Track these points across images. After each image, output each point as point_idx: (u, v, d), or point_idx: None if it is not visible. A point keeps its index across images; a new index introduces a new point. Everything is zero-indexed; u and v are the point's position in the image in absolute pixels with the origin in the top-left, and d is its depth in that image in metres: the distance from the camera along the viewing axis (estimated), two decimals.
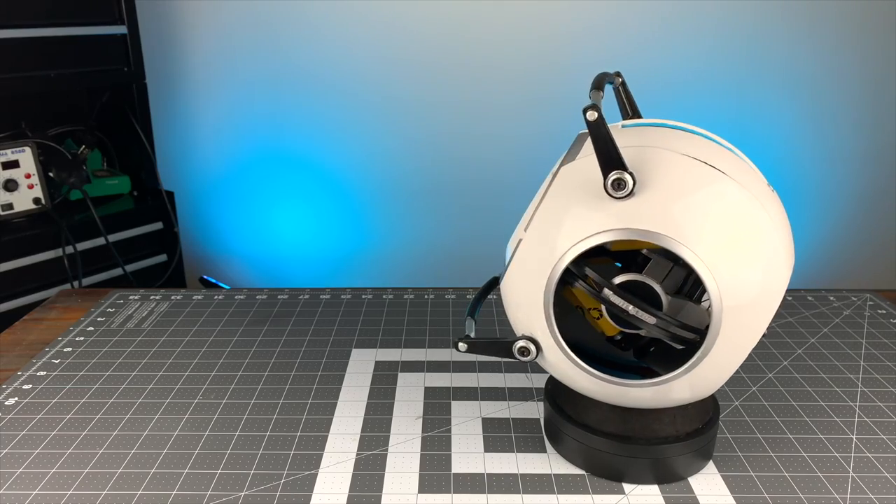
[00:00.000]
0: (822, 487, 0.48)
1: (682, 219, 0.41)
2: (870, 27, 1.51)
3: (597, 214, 0.42)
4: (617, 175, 0.41)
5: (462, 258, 1.55)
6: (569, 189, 0.44)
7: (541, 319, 0.45)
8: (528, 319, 0.46)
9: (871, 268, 1.64)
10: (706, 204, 0.42)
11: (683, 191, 0.42)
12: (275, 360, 0.65)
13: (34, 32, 1.33)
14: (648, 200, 0.42)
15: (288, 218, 1.77)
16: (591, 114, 0.40)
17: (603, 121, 0.41)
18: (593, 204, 0.43)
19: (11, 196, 1.35)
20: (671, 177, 0.42)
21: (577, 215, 0.43)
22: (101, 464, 0.50)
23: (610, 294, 0.43)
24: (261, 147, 1.73)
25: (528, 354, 0.47)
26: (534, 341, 0.47)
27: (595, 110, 0.40)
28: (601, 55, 1.56)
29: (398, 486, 0.48)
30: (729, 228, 0.42)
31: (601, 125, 0.41)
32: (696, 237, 0.41)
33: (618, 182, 0.41)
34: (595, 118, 0.40)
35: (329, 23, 1.61)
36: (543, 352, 0.47)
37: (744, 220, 0.42)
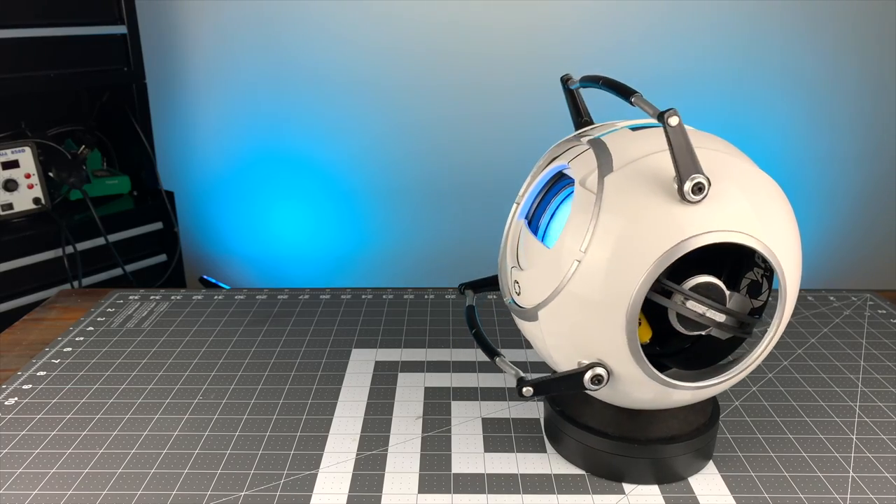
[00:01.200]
0: (822, 487, 0.48)
1: (754, 215, 0.42)
2: (869, 27, 1.51)
3: (679, 221, 0.41)
4: (698, 179, 0.40)
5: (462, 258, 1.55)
6: (627, 200, 0.42)
7: (619, 341, 0.42)
8: (599, 344, 0.43)
9: (871, 268, 1.64)
10: (766, 199, 0.43)
11: (744, 187, 0.43)
12: (275, 360, 0.65)
13: (34, 32, 1.33)
14: (718, 201, 0.41)
15: (288, 218, 1.77)
16: (674, 119, 0.39)
17: (683, 125, 0.40)
18: (667, 211, 0.41)
19: (11, 196, 1.35)
20: (725, 174, 0.42)
21: (656, 225, 0.41)
22: (101, 464, 0.50)
23: (688, 300, 0.42)
24: (261, 147, 1.73)
25: (601, 382, 0.44)
26: (604, 366, 0.44)
27: (677, 114, 0.39)
28: (600, 55, 1.56)
29: (398, 486, 0.48)
30: (783, 219, 0.44)
31: (682, 130, 0.40)
32: (769, 232, 0.42)
33: (698, 186, 0.40)
34: (678, 123, 0.39)
35: (329, 23, 1.61)
36: (615, 375, 0.44)
37: (788, 209, 0.45)
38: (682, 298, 0.42)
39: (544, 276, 0.45)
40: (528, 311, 0.46)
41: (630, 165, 0.43)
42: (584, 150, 0.46)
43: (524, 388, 0.45)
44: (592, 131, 0.48)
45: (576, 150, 0.47)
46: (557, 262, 0.43)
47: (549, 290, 0.44)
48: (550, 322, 0.45)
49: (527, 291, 0.47)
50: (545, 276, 0.44)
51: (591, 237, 0.42)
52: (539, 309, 0.45)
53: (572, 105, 0.52)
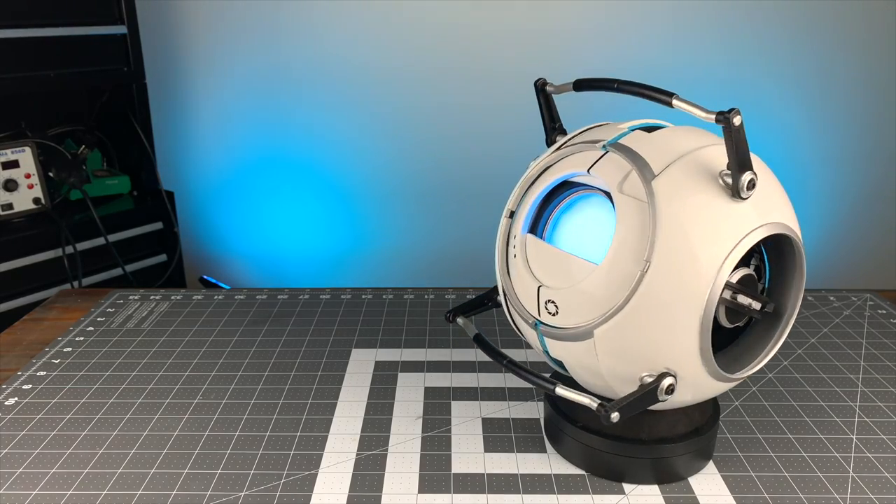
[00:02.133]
0: (822, 487, 0.48)
1: (786, 206, 0.44)
2: (869, 26, 1.51)
3: (737, 218, 0.41)
4: (750, 175, 0.41)
5: (462, 258, 1.55)
6: (683, 203, 0.41)
7: (691, 345, 0.42)
8: (669, 352, 0.42)
9: (871, 268, 1.64)
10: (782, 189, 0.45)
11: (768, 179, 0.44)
12: (275, 360, 0.65)
13: (34, 32, 1.33)
14: (759, 194, 0.42)
15: (288, 218, 1.77)
16: (738, 118, 0.39)
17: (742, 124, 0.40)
18: (724, 209, 0.41)
19: (11, 196, 1.35)
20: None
21: (719, 224, 0.41)
22: (101, 464, 0.50)
23: (738, 294, 0.43)
24: (261, 147, 1.73)
25: (673, 391, 0.43)
26: (673, 374, 0.43)
27: (740, 114, 0.40)
28: (600, 55, 1.56)
29: (398, 486, 0.48)
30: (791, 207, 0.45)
31: (742, 128, 0.40)
32: (795, 222, 0.45)
33: (752, 182, 0.41)
34: (740, 122, 0.40)
35: (329, 24, 1.61)
36: (681, 380, 0.43)
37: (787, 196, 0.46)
38: (731, 293, 0.42)
39: (598, 291, 0.42)
40: (574, 332, 0.44)
41: (672, 167, 0.42)
42: (601, 155, 0.45)
43: (612, 416, 0.41)
44: (588, 137, 0.47)
45: (590, 156, 0.45)
46: (615, 276, 0.42)
47: (608, 306, 0.42)
48: (611, 339, 0.42)
49: (571, 311, 0.44)
50: (599, 292, 0.42)
51: (654, 244, 0.41)
52: (597, 327, 0.42)
53: (547, 111, 0.52)
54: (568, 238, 0.47)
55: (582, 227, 0.46)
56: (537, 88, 0.51)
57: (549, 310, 0.45)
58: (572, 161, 0.46)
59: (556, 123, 0.52)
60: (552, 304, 0.45)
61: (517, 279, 0.48)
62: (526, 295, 0.47)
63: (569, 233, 0.47)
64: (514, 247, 0.48)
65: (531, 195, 0.48)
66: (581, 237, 0.46)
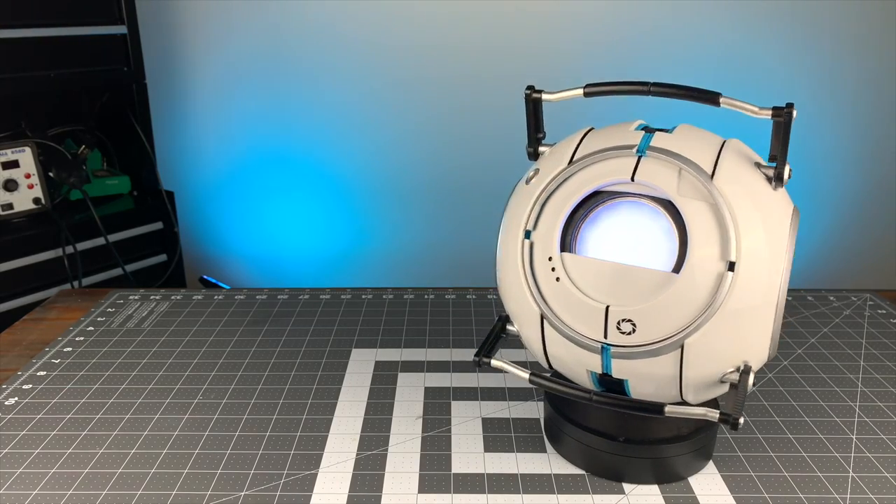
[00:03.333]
0: (822, 487, 0.48)
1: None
2: (869, 26, 1.51)
3: (786, 207, 0.43)
4: (790, 166, 0.42)
5: (462, 258, 1.55)
6: (750, 200, 0.42)
7: (766, 337, 0.42)
8: (751, 345, 0.42)
9: (871, 268, 1.64)
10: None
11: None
12: (275, 360, 0.65)
13: (34, 32, 1.33)
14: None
15: (288, 218, 1.77)
16: (794, 112, 0.41)
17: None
18: (775, 200, 0.43)
19: (11, 196, 1.35)
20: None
21: (780, 216, 0.42)
22: (101, 464, 0.50)
23: None
24: (261, 147, 1.73)
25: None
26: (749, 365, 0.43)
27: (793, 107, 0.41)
28: (599, 56, 1.56)
29: (398, 486, 0.48)
30: None
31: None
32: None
33: (790, 171, 0.43)
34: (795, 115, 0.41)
35: (329, 24, 1.61)
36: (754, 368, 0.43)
37: None
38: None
39: (683, 300, 0.41)
40: (657, 347, 0.42)
41: (720, 165, 0.42)
42: (637, 160, 0.43)
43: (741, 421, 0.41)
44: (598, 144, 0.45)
45: (625, 163, 0.43)
46: (699, 281, 0.41)
47: (697, 314, 0.41)
48: (702, 345, 0.41)
49: (651, 326, 0.42)
50: (684, 301, 0.41)
51: (738, 244, 0.40)
52: (687, 337, 0.41)
53: (535, 120, 0.48)
54: (614, 250, 0.43)
55: (625, 237, 0.43)
56: (527, 97, 0.47)
57: (624, 329, 0.42)
58: (603, 170, 0.44)
59: (540, 134, 0.49)
60: (628, 322, 0.42)
61: (568, 304, 0.44)
62: (585, 319, 0.43)
63: (612, 245, 0.44)
64: (552, 269, 0.44)
65: (554, 211, 0.44)
66: (629, 247, 0.43)
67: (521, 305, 0.46)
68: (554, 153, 0.47)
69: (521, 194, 0.47)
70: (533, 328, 0.46)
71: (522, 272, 0.45)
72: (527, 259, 0.45)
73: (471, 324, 0.72)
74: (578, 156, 0.45)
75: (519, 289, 0.46)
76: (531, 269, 0.45)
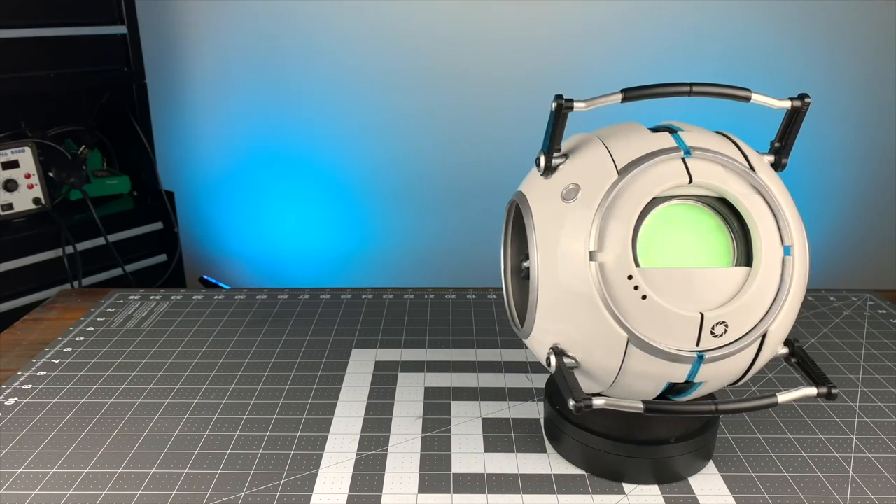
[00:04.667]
0: (822, 487, 0.48)
1: None
2: (869, 26, 1.51)
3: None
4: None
5: (462, 258, 1.56)
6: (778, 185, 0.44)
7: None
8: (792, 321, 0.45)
9: (871, 268, 1.64)
10: None
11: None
12: (275, 360, 0.65)
13: (34, 32, 1.33)
14: None
15: (288, 218, 1.77)
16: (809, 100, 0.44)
17: None
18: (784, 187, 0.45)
19: (11, 196, 1.35)
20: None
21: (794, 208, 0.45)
22: (101, 464, 0.50)
23: None
24: (261, 147, 1.73)
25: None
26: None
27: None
28: (600, 56, 1.56)
29: (398, 486, 0.48)
30: None
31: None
32: None
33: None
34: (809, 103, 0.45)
35: (329, 23, 1.61)
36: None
37: None
38: None
39: (764, 292, 0.42)
40: (743, 342, 0.42)
41: (751, 159, 0.44)
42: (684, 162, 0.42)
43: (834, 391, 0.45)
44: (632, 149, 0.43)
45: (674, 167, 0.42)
46: (771, 271, 0.42)
47: (772, 303, 0.42)
48: (778, 332, 0.43)
49: (740, 324, 0.42)
50: (765, 293, 0.42)
51: (790, 227, 0.42)
52: (770, 325, 0.42)
53: (559, 132, 0.44)
54: (682, 255, 0.43)
55: (684, 240, 0.43)
56: (558, 109, 0.43)
57: (717, 332, 0.41)
58: (657, 175, 0.42)
59: (558, 147, 0.45)
60: (721, 325, 0.41)
61: (658, 320, 0.41)
62: (677, 331, 0.41)
63: (675, 250, 0.43)
64: (634, 288, 0.41)
65: (619, 226, 0.41)
66: (693, 249, 0.43)
67: (596, 334, 0.42)
68: (584, 164, 0.44)
69: (560, 213, 0.43)
70: (614, 354, 0.42)
71: (599, 298, 0.41)
72: (599, 283, 0.41)
73: (471, 324, 0.72)
74: (621, 164, 0.42)
75: (593, 317, 0.42)
76: (607, 292, 0.41)
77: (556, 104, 0.42)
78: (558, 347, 0.44)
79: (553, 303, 0.43)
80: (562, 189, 0.43)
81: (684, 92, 0.42)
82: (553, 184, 0.44)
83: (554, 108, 0.42)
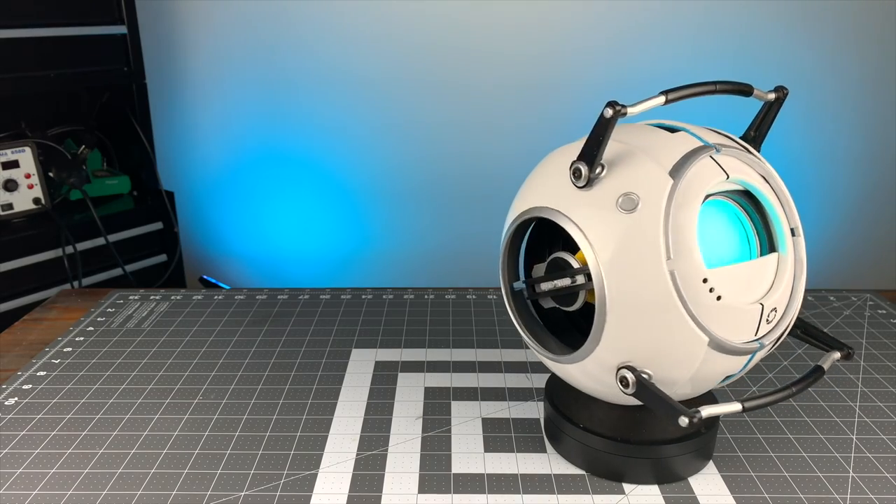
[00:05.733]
0: (822, 487, 0.48)
1: None
2: (870, 25, 1.51)
3: None
4: None
5: (462, 258, 1.56)
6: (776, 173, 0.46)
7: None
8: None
9: (871, 268, 1.64)
10: None
11: None
12: (275, 360, 0.65)
13: (34, 32, 1.33)
14: None
15: (288, 218, 1.77)
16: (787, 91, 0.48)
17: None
18: None
19: (11, 196, 1.35)
20: None
21: None
22: (101, 464, 0.50)
23: None
24: (261, 147, 1.73)
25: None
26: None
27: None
28: (601, 51, 1.56)
29: (398, 486, 0.48)
30: None
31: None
32: None
33: None
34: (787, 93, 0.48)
35: (328, 23, 1.61)
36: None
37: None
38: None
39: (795, 274, 0.45)
40: (788, 323, 0.44)
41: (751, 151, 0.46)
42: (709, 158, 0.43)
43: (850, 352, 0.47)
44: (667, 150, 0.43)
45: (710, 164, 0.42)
46: (791, 252, 0.44)
47: (793, 284, 0.45)
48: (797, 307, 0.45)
49: (782, 308, 0.44)
50: (795, 274, 0.45)
51: (792, 210, 0.44)
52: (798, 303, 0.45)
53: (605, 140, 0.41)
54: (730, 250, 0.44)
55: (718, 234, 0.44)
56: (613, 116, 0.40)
57: (770, 318, 0.43)
58: (699, 175, 0.42)
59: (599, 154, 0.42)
60: (773, 311, 0.43)
61: (729, 318, 0.42)
62: (743, 326, 0.42)
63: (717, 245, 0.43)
64: (710, 290, 0.41)
65: (683, 231, 0.41)
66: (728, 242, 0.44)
67: (675, 342, 0.41)
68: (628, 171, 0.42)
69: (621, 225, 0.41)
70: (691, 360, 0.42)
71: (680, 306, 0.40)
72: (678, 290, 0.40)
73: (471, 324, 0.72)
74: (667, 167, 0.41)
75: (672, 327, 0.41)
76: (687, 298, 0.40)
77: (613, 111, 0.40)
78: (630, 365, 0.43)
79: (625, 319, 0.42)
80: (615, 199, 0.41)
81: (711, 91, 0.43)
82: (598, 195, 0.42)
83: (609, 116, 0.40)
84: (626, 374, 0.43)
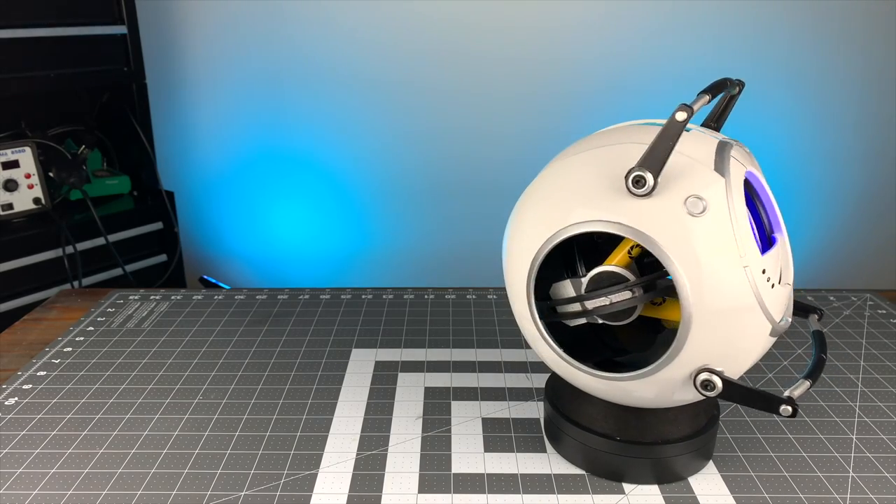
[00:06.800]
0: (822, 487, 0.48)
1: None
2: (873, 26, 1.51)
3: None
4: None
5: (462, 258, 1.56)
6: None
7: None
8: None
9: (871, 268, 1.64)
10: None
11: None
12: (275, 360, 0.65)
13: (34, 32, 1.33)
14: None
15: (288, 218, 1.77)
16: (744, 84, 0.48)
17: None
18: None
19: (11, 196, 1.35)
20: None
21: None
22: (101, 464, 0.50)
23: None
24: (261, 147, 1.73)
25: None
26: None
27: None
28: (603, 52, 1.56)
29: (398, 486, 0.48)
30: None
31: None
32: None
33: None
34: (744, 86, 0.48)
35: (330, 22, 1.61)
36: None
37: None
38: None
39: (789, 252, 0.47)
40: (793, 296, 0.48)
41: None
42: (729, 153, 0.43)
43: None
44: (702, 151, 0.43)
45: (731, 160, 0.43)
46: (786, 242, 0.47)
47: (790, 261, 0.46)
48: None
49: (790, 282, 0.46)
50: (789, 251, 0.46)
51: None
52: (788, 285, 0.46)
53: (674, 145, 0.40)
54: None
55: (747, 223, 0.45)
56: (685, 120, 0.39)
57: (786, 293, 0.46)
58: (732, 171, 0.42)
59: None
60: (788, 286, 0.46)
61: (779, 302, 0.43)
62: (783, 306, 0.44)
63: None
64: (767, 280, 0.42)
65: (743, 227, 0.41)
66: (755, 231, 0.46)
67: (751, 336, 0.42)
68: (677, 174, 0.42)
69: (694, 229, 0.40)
70: (759, 350, 0.44)
71: (757, 302, 0.41)
72: (757, 287, 0.41)
73: (471, 324, 0.72)
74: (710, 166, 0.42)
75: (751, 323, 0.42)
76: (759, 293, 0.41)
77: (686, 114, 0.39)
78: (708, 367, 0.42)
79: (709, 324, 0.41)
80: (682, 204, 0.41)
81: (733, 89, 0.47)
82: (662, 202, 0.41)
83: (682, 119, 0.39)
84: (710, 378, 0.42)
